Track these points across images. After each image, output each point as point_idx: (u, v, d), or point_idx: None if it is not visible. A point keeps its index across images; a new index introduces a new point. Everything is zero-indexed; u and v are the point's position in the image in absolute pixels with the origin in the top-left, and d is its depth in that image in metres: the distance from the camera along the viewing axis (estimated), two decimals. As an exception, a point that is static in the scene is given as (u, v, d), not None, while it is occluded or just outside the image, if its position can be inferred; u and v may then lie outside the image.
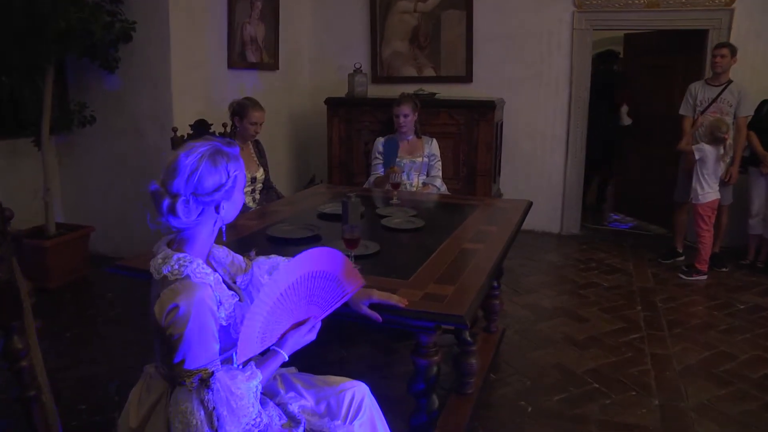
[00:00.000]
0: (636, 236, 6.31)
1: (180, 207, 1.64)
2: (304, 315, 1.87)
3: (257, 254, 2.11)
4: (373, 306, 2.01)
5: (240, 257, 2.00)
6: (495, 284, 3.60)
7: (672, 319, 4.23)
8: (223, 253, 1.92)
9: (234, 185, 1.72)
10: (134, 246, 4.52)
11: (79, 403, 3.09)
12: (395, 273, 2.39)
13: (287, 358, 1.81)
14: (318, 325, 1.89)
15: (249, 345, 1.72)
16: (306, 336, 1.85)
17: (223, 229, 1.80)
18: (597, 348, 3.78)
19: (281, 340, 1.82)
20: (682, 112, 5.31)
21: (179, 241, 1.74)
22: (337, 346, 3.71)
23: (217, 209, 1.71)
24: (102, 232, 5.19)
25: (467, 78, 6.38)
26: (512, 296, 4.61)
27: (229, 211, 1.76)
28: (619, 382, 3.37)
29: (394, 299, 2.04)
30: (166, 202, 1.64)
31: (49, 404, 1.67)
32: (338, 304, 1.93)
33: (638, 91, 6.48)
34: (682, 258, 5.46)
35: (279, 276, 1.77)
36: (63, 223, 5.09)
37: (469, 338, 2.99)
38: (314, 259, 1.85)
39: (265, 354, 1.82)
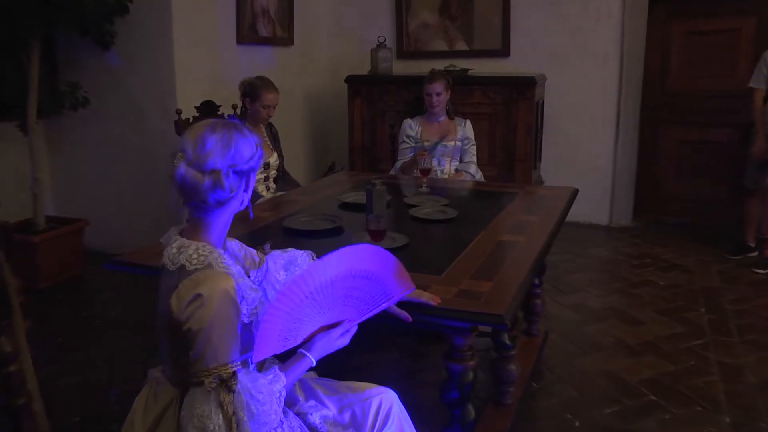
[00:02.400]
0: (698, 228, 6.22)
1: (225, 181, 1.68)
2: (336, 317, 1.86)
3: (272, 248, 2.12)
4: (401, 304, 2.01)
5: (253, 251, 2.02)
6: (536, 282, 3.59)
7: (744, 324, 4.15)
8: (236, 246, 1.95)
9: (261, 154, 1.77)
10: (134, 240, 4.55)
11: (73, 414, 3.13)
12: (426, 268, 2.39)
13: (315, 363, 1.82)
14: (353, 330, 1.89)
15: (268, 343, 1.72)
16: (338, 340, 1.86)
17: (250, 206, 1.83)
18: (653, 355, 3.74)
19: (308, 342, 1.83)
20: (753, 84, 5.19)
21: (193, 230, 1.75)
22: (361, 350, 3.71)
23: (248, 182, 1.76)
24: (98, 226, 5.24)
25: (504, 52, 6.35)
26: (556, 295, 4.59)
27: (252, 185, 1.80)
28: (680, 395, 3.32)
29: (425, 297, 2.04)
30: (207, 181, 1.66)
31: (40, 414, 1.68)
32: (380, 308, 1.93)
33: (669, 63, 6.35)
34: (755, 253, 5.36)
35: (313, 270, 1.76)
36: (54, 216, 5.16)
37: (508, 342, 2.98)
38: (360, 256, 1.84)
39: (290, 357, 1.82)
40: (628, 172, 6.31)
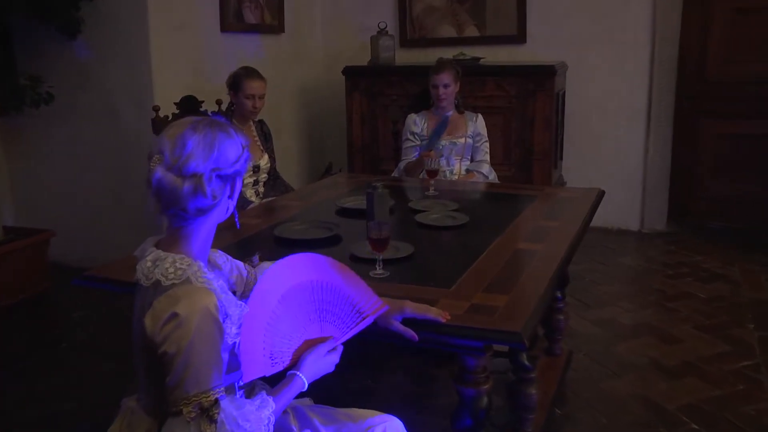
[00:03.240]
0: (743, 233, 6.20)
1: (207, 186, 1.69)
2: (317, 333, 1.91)
3: (261, 259, 2.12)
4: (406, 321, 2.01)
5: (240, 264, 2.03)
6: (558, 295, 3.59)
7: (801, 342, 4.14)
8: (220, 258, 1.95)
9: (247, 157, 1.79)
10: (107, 253, 4.54)
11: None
12: (434, 280, 2.40)
13: (307, 385, 1.83)
14: (340, 348, 1.92)
15: (253, 361, 1.75)
16: (327, 357, 1.89)
17: (236, 214, 1.87)
18: (694, 377, 3.73)
19: (298, 362, 1.85)
20: None
21: (171, 241, 1.76)
22: (361, 373, 3.72)
23: (233, 187, 1.77)
24: (65, 237, 5.25)
25: (520, 38, 6.36)
26: (581, 310, 4.59)
27: (238, 192, 1.81)
28: (727, 424, 3.29)
29: (433, 312, 2.03)
30: (187, 187, 1.67)
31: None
32: (357, 329, 1.96)
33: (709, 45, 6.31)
34: None
35: (270, 278, 1.82)
36: (14, 227, 5.17)
37: (527, 362, 2.96)
38: (310, 264, 1.92)
39: (279, 380, 1.84)
40: (662, 171, 6.30)
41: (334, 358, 1.90)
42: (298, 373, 1.82)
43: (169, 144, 1.69)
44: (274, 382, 1.89)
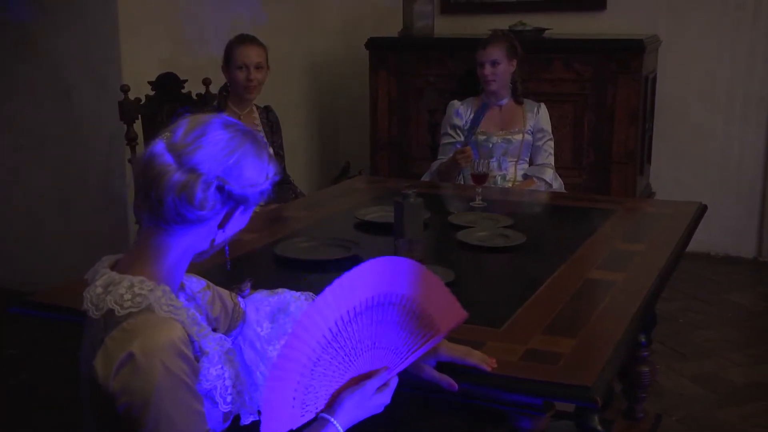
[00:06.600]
0: None
1: (198, 191, 1.67)
2: (367, 365, 1.88)
3: (254, 287, 2.14)
4: (441, 366, 2.02)
5: (224, 294, 2.03)
6: (643, 340, 3.57)
7: None
8: (196, 285, 1.95)
9: (265, 191, 1.79)
10: (51, 274, 4.60)
11: None
12: (479, 317, 2.38)
13: None
14: (394, 383, 1.90)
15: (280, 412, 1.73)
16: (375, 398, 1.86)
17: (228, 251, 1.88)
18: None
19: (334, 403, 1.82)
20: None
21: (135, 257, 1.76)
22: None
23: (228, 217, 1.77)
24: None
25: (598, 3, 6.37)
26: (673, 361, 4.57)
27: (232, 228, 1.83)
28: None
29: (476, 358, 2.04)
30: (177, 177, 1.66)
31: None
32: (425, 348, 1.94)
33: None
34: None
35: (329, 299, 1.76)
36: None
37: (599, 427, 2.98)
38: (381, 274, 1.86)
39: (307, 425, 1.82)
40: (788, 182, 6.27)
41: (385, 398, 1.88)
42: (331, 419, 1.79)
43: (188, 126, 1.71)
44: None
